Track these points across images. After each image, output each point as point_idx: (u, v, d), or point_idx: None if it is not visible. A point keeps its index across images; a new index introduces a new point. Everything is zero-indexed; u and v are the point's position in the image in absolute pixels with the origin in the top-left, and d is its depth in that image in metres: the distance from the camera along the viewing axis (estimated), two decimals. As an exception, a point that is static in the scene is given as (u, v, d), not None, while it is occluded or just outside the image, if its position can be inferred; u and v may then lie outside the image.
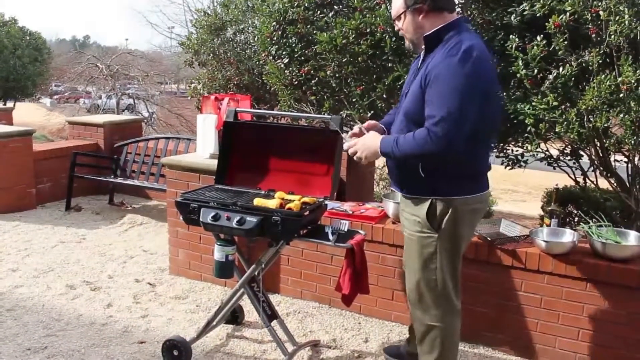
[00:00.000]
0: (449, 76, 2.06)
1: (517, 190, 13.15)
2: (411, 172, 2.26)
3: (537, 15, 3.26)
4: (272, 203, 2.59)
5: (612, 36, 3.01)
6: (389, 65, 3.84)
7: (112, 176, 5.71)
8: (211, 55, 6.11)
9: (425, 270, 2.34)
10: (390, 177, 2.44)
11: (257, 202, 2.63)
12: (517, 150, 4.06)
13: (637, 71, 2.91)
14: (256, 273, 2.80)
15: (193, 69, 7.26)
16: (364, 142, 2.30)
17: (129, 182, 5.54)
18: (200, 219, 2.61)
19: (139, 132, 6.57)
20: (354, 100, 4.01)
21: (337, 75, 4.06)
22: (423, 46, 2.27)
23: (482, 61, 2.12)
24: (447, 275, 2.34)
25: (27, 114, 15.71)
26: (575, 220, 3.92)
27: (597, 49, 3.09)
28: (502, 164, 4.21)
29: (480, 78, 2.10)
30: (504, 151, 4.12)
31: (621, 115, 2.96)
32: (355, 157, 2.34)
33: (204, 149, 3.93)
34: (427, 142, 2.08)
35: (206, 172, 3.75)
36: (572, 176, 4.14)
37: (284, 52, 4.39)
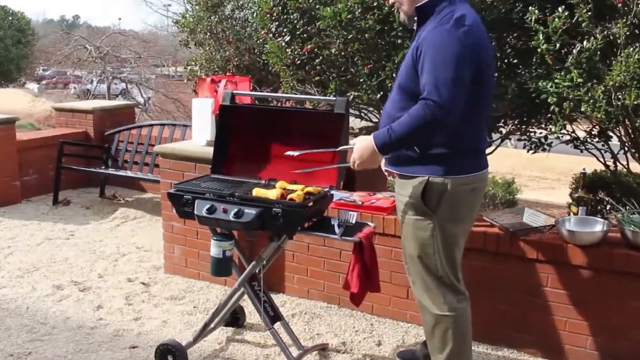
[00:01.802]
0: (441, 43, 2.13)
1: (545, 176, 13.09)
2: (405, 149, 2.32)
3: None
4: (272, 193, 2.57)
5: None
6: (399, 42, 3.79)
7: (103, 167, 5.72)
8: (208, 34, 6.07)
9: (425, 256, 2.37)
10: (387, 157, 2.47)
11: (257, 192, 2.60)
12: (540, 133, 4.02)
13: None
14: (257, 270, 2.79)
15: (189, 50, 7.24)
16: (357, 147, 2.34)
17: (121, 173, 5.54)
18: (195, 212, 2.60)
19: (131, 119, 6.56)
20: (361, 80, 3.98)
21: (342, 53, 4.02)
22: (416, 18, 2.32)
23: (475, 30, 2.18)
24: (446, 261, 2.37)
25: (12, 100, 15.75)
26: (607, 207, 3.87)
27: (625, 20, 3.03)
28: (524, 147, 4.17)
29: (474, 45, 2.16)
30: (527, 134, 4.08)
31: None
32: (355, 166, 2.36)
33: (200, 135, 3.91)
34: (424, 113, 2.11)
35: (202, 160, 3.74)
36: (602, 160, 4.08)
37: (284, 29, 4.35)
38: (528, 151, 4.10)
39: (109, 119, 6.16)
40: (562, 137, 3.72)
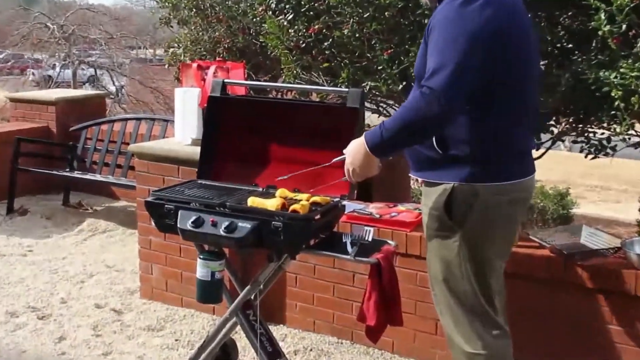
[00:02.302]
0: (446, 22, 2.18)
1: (608, 187, 13.02)
2: (426, 148, 2.35)
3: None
4: (271, 203, 2.60)
5: None
6: (425, 21, 3.80)
7: (67, 169, 5.78)
8: (194, 10, 6.13)
9: (452, 280, 2.39)
10: (408, 160, 2.51)
11: (253, 202, 2.63)
12: (601, 133, 4.01)
13: None
14: (252, 297, 2.80)
15: (171, 30, 7.30)
16: (349, 151, 2.38)
17: (89, 176, 5.60)
18: (178, 225, 2.62)
19: (102, 112, 6.63)
20: (379, 68, 3.99)
21: (357, 35, 4.04)
22: None
23: (497, 6, 2.20)
24: (478, 287, 2.37)
25: (-42, 89, 15.95)
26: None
27: None
28: (581, 151, 4.16)
29: (494, 23, 2.18)
30: (585, 134, 4.08)
31: None
32: (351, 175, 2.40)
33: (184, 132, 3.95)
34: (418, 103, 2.15)
35: (187, 163, 3.77)
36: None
37: (287, 6, 4.38)
38: (586, 156, 4.09)
39: (74, 111, 6.23)
40: (629, 138, 3.70)
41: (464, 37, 2.14)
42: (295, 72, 4.40)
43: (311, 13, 4.27)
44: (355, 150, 2.34)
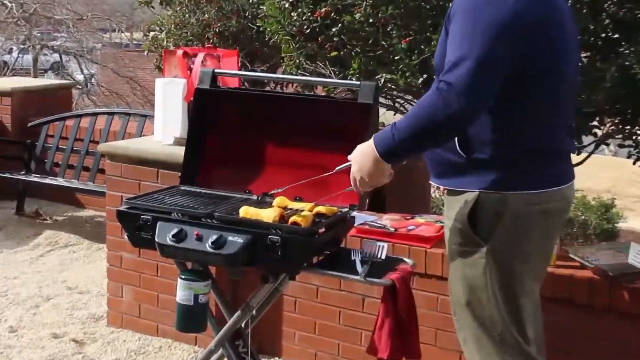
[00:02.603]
0: (469, 8, 2.22)
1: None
2: (448, 151, 2.36)
3: None
4: (267, 214, 2.59)
5: None
6: (448, 5, 3.80)
7: (23, 172, 5.78)
8: (179, -12, 6.14)
9: (476, 303, 2.39)
10: (427, 165, 2.53)
11: (245, 212, 2.63)
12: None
13: None
14: (243, 324, 2.80)
15: (152, 10, 7.31)
16: (355, 157, 2.39)
17: (49, 180, 5.60)
18: (156, 239, 2.62)
19: (67, 105, 6.63)
20: (396, 58, 4.00)
21: (370, 20, 4.05)
22: None
23: None
24: (506, 312, 2.37)
25: None
26: None
27: None
28: (629, 156, 4.17)
29: (519, 8, 2.19)
30: (633, 137, 4.09)
31: None
32: (357, 185, 2.41)
33: (166, 130, 3.96)
34: (434, 101, 2.17)
35: (168, 166, 3.78)
36: None
37: (289, -16, 4.39)
38: (635, 162, 4.11)
39: (34, 104, 6.23)
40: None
41: (488, 25, 2.16)
42: (297, 61, 4.41)
43: (317, -6, 4.28)
44: (362, 155, 2.35)
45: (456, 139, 2.31)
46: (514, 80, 2.23)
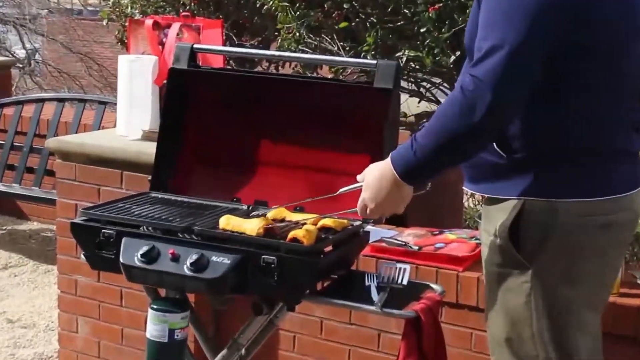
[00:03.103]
0: None
1: None
2: (485, 151, 2.38)
3: None
4: (259, 227, 2.62)
5: None
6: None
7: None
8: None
9: (517, 341, 2.40)
10: (461, 168, 2.55)
11: (232, 225, 2.65)
12: None
13: None
14: (229, 365, 2.82)
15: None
16: (367, 181, 2.42)
17: (-17, 185, 5.58)
18: (121, 259, 2.63)
19: (5, 89, 6.64)
20: (422, 30, 4.02)
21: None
22: None
23: None
24: (554, 351, 2.37)
25: None
26: None
27: None
28: None
29: None
30: None
31: None
32: (368, 213, 2.46)
33: (132, 122, 3.98)
34: (461, 103, 2.20)
35: (135, 166, 3.81)
36: None
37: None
38: None
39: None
40: None
41: (528, 4, 2.19)
42: (297, 34, 4.41)
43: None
44: (377, 178, 2.38)
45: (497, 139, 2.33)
46: (565, 64, 2.25)
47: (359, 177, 2.47)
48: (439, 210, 4.65)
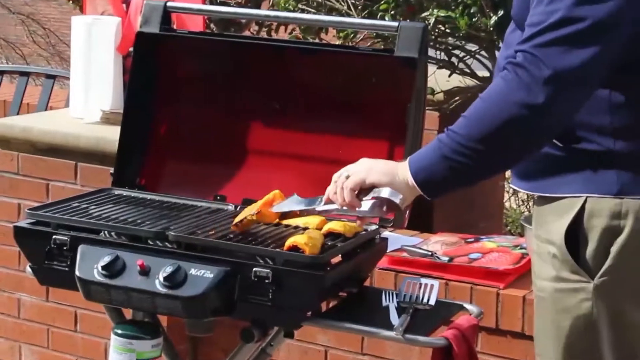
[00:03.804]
0: None
1: None
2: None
3: None
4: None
5: None
6: None
7: None
8: None
9: None
10: None
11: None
12: None
13: None
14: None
15: None
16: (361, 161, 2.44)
17: None
18: (76, 272, 2.63)
19: None
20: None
21: None
22: None
23: None
24: None
25: None
26: None
27: None
28: None
29: None
30: None
31: None
32: (339, 191, 2.47)
33: (89, 101, 4.00)
34: (511, 89, 2.20)
35: (92, 157, 3.82)
36: None
37: None
38: None
39: None
40: None
41: None
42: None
43: None
44: (379, 163, 2.43)
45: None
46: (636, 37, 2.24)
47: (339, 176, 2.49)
48: (474, 211, 4.66)
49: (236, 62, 3.04)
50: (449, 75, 4.74)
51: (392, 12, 4.10)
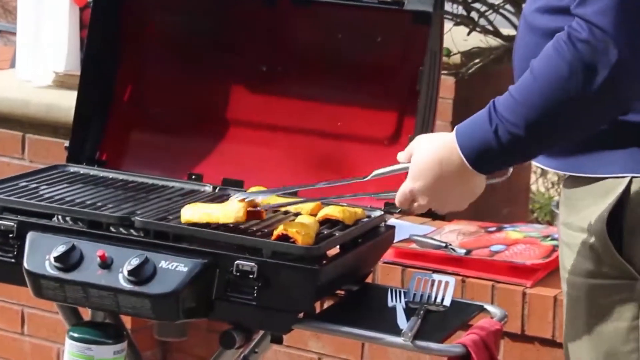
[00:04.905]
0: None
1: None
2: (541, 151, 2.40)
3: None
4: (232, 217, 2.64)
5: None
6: None
7: None
8: None
9: None
10: None
11: (199, 215, 2.67)
12: None
13: None
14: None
15: None
16: (416, 163, 2.41)
17: None
18: (24, 264, 2.64)
19: None
20: None
21: None
22: None
23: None
24: None
25: None
26: None
27: None
28: None
29: None
30: None
31: None
32: (415, 207, 2.46)
33: (38, 60, 4.02)
34: (570, 59, 2.19)
35: (43, 127, 3.85)
36: None
37: None
38: None
39: None
40: None
41: None
42: None
43: None
44: (433, 161, 2.37)
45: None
46: None
47: (400, 156, 2.46)
48: (495, 195, 4.68)
49: (216, 15, 3.04)
50: (468, 33, 4.76)
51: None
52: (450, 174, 2.35)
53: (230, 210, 2.59)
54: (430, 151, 2.38)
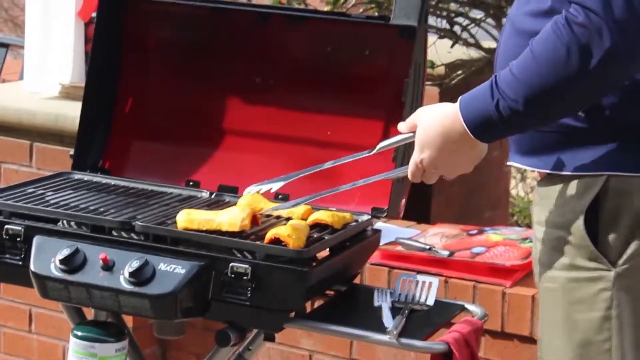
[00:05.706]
0: None
1: None
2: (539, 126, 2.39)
3: None
4: (232, 219, 2.64)
5: None
6: None
7: None
8: None
9: None
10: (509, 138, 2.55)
11: (187, 220, 2.66)
12: None
13: None
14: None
15: None
16: (423, 132, 2.41)
17: None
18: (31, 266, 2.63)
19: None
20: None
21: None
22: None
23: None
24: None
25: None
26: None
27: None
28: None
29: None
30: None
31: None
32: (423, 176, 2.46)
33: (45, 72, 3.99)
34: (568, 41, 2.18)
35: (49, 136, 3.82)
36: None
37: None
38: None
39: None
40: None
41: None
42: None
43: None
44: (438, 133, 2.38)
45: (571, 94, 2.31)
46: None
47: (402, 127, 2.47)
48: (477, 199, 4.67)
49: (212, 30, 3.05)
50: (451, 46, 4.75)
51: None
52: (455, 142, 2.37)
53: (235, 219, 2.59)
54: (436, 121, 2.40)
